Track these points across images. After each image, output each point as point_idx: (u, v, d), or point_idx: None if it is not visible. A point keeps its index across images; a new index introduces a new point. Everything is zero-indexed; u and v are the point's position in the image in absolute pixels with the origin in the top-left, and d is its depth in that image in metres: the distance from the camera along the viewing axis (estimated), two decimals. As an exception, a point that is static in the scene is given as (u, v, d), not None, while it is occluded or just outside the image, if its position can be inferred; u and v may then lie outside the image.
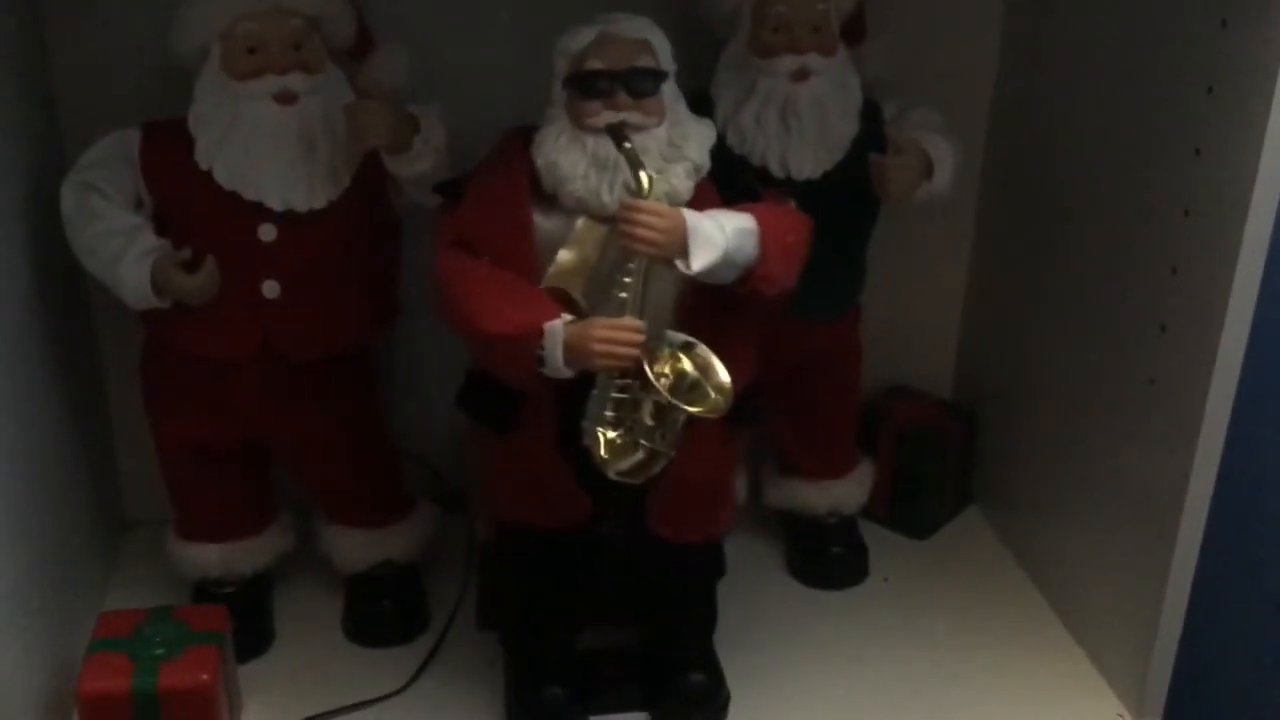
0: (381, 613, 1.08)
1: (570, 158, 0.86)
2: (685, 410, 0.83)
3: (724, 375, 0.84)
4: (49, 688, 0.92)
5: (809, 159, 0.99)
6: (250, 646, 1.04)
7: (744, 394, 0.86)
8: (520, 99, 0.89)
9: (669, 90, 0.88)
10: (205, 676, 0.89)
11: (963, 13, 1.15)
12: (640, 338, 0.82)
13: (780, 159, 0.99)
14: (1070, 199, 1.06)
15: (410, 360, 1.13)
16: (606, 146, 0.85)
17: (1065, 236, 1.07)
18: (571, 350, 0.82)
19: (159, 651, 0.90)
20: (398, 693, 1.01)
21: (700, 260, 0.83)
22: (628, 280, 0.84)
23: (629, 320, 0.83)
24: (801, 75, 0.98)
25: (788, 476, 1.17)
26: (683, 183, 0.86)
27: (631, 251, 0.83)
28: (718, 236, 0.83)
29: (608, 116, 0.85)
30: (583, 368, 0.83)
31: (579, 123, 0.86)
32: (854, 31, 1.03)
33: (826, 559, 1.16)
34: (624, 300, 0.84)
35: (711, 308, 0.88)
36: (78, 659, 0.92)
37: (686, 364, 0.85)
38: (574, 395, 0.85)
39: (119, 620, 0.94)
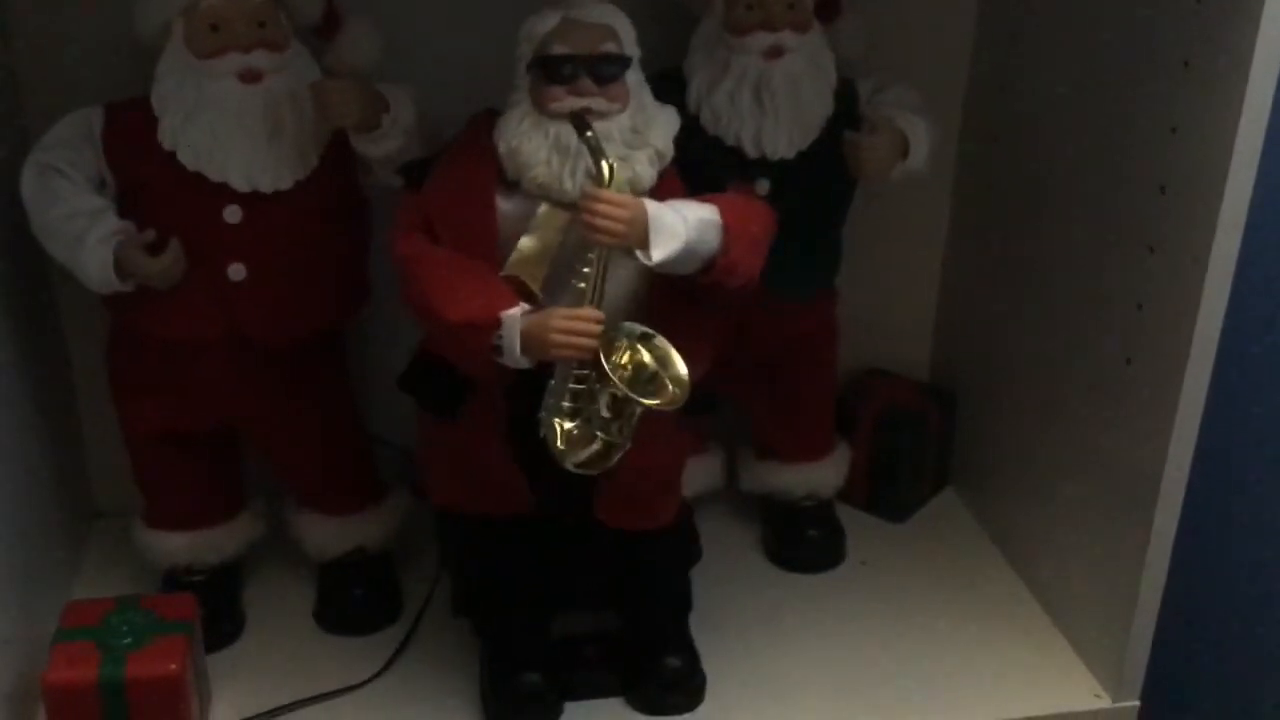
0: (353, 600, 1.07)
1: (532, 143, 0.85)
2: (641, 403, 0.82)
3: (681, 368, 0.83)
4: (15, 677, 0.91)
5: (784, 138, 0.98)
6: (220, 635, 1.03)
7: (698, 383, 0.85)
8: (489, 79, 0.88)
9: (633, 76, 0.87)
10: (173, 666, 0.88)
11: (938, -10, 1.15)
12: (599, 328, 0.82)
13: (754, 138, 0.98)
14: (1046, 177, 1.06)
15: (383, 344, 1.12)
16: (569, 133, 0.84)
17: (1041, 215, 1.07)
18: (529, 340, 0.81)
19: (127, 641, 0.89)
20: (370, 681, 1.00)
21: (661, 251, 0.82)
22: (586, 270, 0.83)
23: (588, 310, 0.82)
24: (775, 53, 0.97)
25: (764, 460, 1.16)
26: (646, 170, 0.86)
27: (591, 241, 0.82)
28: (679, 227, 0.83)
29: (571, 102, 0.84)
30: (540, 358, 0.82)
31: (542, 108, 0.85)
32: (828, 9, 1.02)
33: (803, 542, 1.15)
34: (583, 290, 0.83)
35: (671, 298, 0.87)
36: (44, 648, 0.90)
37: (645, 355, 0.84)
38: (524, 384, 0.85)
39: (86, 609, 0.93)
